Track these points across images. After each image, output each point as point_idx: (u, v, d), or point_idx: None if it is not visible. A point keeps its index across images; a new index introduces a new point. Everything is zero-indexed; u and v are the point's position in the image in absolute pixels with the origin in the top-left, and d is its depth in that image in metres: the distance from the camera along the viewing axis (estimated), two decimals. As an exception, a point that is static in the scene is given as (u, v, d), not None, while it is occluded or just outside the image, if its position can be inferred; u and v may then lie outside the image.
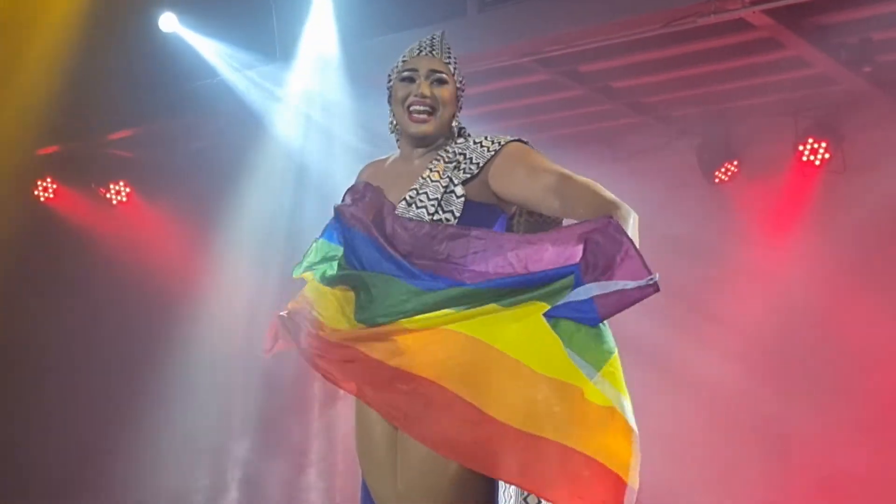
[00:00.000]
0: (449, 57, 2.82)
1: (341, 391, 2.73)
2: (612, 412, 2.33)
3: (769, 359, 6.47)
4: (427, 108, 2.75)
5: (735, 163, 6.80)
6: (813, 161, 6.41)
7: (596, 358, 2.36)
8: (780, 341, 6.44)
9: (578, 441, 2.32)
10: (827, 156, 6.38)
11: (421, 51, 2.81)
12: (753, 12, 5.15)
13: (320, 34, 6.47)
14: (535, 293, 2.41)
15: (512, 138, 2.73)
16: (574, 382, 2.34)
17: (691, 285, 6.73)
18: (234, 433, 8.23)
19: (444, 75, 2.78)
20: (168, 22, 6.73)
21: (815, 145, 6.39)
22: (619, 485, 2.29)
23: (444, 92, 2.77)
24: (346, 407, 7.69)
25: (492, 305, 2.45)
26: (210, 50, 6.81)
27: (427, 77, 2.77)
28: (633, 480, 2.31)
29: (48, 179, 8.44)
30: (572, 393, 2.34)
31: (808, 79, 6.18)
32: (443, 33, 2.87)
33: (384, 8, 6.20)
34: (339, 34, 6.40)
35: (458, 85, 2.83)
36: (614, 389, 2.35)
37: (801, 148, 6.43)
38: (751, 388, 6.50)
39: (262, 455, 8.03)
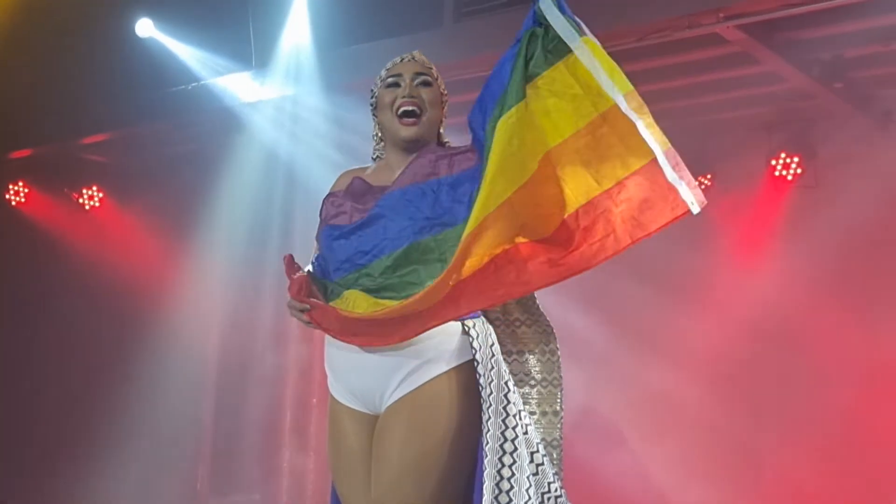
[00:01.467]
0: (431, 65, 2.89)
1: (314, 399, 2.75)
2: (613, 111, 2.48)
3: (740, 371, 6.50)
4: (415, 109, 2.78)
5: (708, 176, 6.83)
6: (785, 175, 6.46)
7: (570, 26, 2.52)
8: (750, 354, 6.47)
9: (611, 174, 2.48)
10: (799, 170, 6.43)
11: (403, 59, 2.87)
12: (728, 27, 5.19)
13: (296, 42, 6.47)
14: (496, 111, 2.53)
15: None
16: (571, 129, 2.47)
17: (663, 297, 6.76)
18: (206, 438, 8.18)
19: (428, 77, 2.84)
20: (144, 27, 6.71)
21: (788, 160, 6.44)
22: (655, 170, 2.49)
23: (430, 93, 2.82)
24: (318, 414, 7.68)
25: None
26: (186, 56, 6.79)
27: (412, 79, 2.82)
28: (657, 152, 2.52)
29: (20, 183, 8.39)
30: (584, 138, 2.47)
31: (781, 94, 6.22)
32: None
33: (360, 16, 6.21)
34: (315, 42, 6.40)
35: (442, 90, 2.87)
36: (594, 59, 2.49)
37: (773, 162, 6.47)
38: (720, 399, 6.53)
39: (232, 460, 7.99)
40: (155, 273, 8.10)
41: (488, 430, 2.60)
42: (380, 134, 2.90)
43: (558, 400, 2.79)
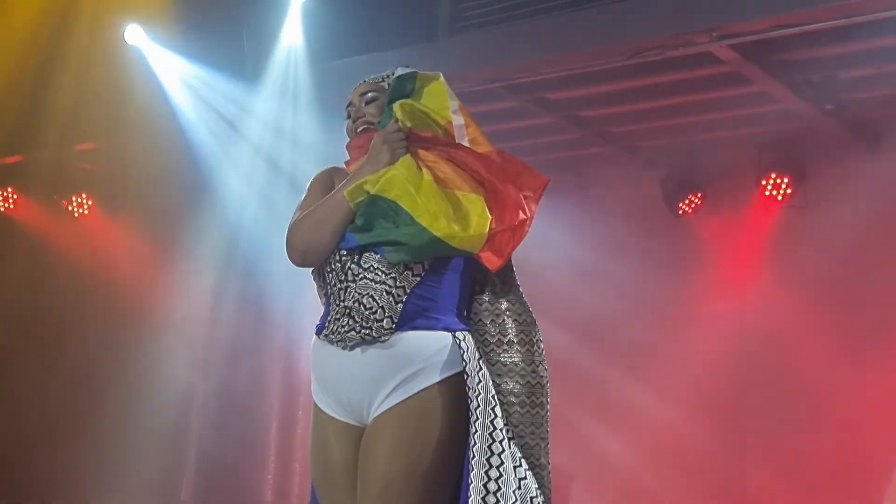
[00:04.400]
0: (383, 79, 2.96)
1: (299, 411, 2.75)
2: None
3: (728, 388, 6.50)
4: (366, 127, 2.90)
5: (699, 195, 6.85)
6: (775, 196, 6.48)
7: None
8: (738, 372, 6.47)
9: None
10: (789, 191, 6.45)
11: (356, 87, 2.99)
12: (720, 46, 5.21)
13: (290, 53, 6.47)
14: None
15: None
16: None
17: (652, 315, 6.76)
18: (190, 448, 8.14)
19: (373, 93, 2.93)
20: (133, 34, 6.66)
21: (778, 180, 6.46)
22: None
23: (377, 105, 2.91)
24: (303, 425, 7.65)
25: None
26: (176, 65, 6.77)
27: (360, 101, 2.94)
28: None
29: (9, 189, 8.36)
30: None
31: (772, 114, 6.24)
32: None
33: (354, 30, 6.21)
34: (309, 54, 6.40)
35: None
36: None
37: (763, 182, 6.49)
38: (708, 415, 6.53)
39: (217, 471, 7.94)
40: (142, 282, 8.08)
41: (475, 444, 2.60)
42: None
43: (544, 392, 2.79)
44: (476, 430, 2.61)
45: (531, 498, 2.67)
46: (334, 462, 2.76)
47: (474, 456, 2.59)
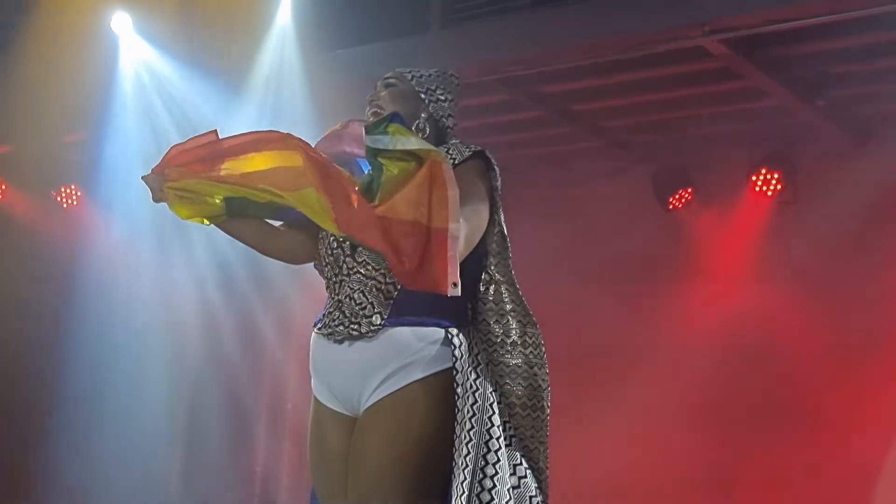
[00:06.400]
0: (407, 72, 2.93)
1: (288, 405, 2.75)
2: None
3: (717, 385, 6.50)
4: (377, 110, 2.86)
5: (689, 190, 6.86)
6: (765, 191, 6.48)
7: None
8: (728, 368, 6.48)
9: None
10: (779, 186, 6.45)
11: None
12: (712, 41, 5.21)
13: (281, 45, 6.45)
14: None
15: (477, 148, 2.80)
16: None
17: (641, 309, 6.77)
18: (179, 439, 8.13)
19: (393, 80, 2.91)
20: (120, 23, 6.61)
21: (768, 176, 6.46)
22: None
23: (391, 92, 2.90)
24: (292, 419, 7.64)
25: None
26: (165, 56, 6.74)
27: (380, 85, 2.93)
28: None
29: (-2, 180, 8.34)
30: None
31: (763, 109, 6.25)
32: None
33: (347, 21, 6.20)
34: (300, 46, 6.38)
35: (415, 87, 2.89)
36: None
37: (754, 178, 6.50)
38: (698, 411, 6.53)
39: (206, 463, 7.94)
40: (131, 274, 8.05)
41: (470, 440, 2.60)
42: None
43: (543, 396, 2.79)
44: (472, 427, 2.62)
45: (530, 497, 2.68)
46: (330, 451, 2.78)
47: (469, 452, 2.59)
